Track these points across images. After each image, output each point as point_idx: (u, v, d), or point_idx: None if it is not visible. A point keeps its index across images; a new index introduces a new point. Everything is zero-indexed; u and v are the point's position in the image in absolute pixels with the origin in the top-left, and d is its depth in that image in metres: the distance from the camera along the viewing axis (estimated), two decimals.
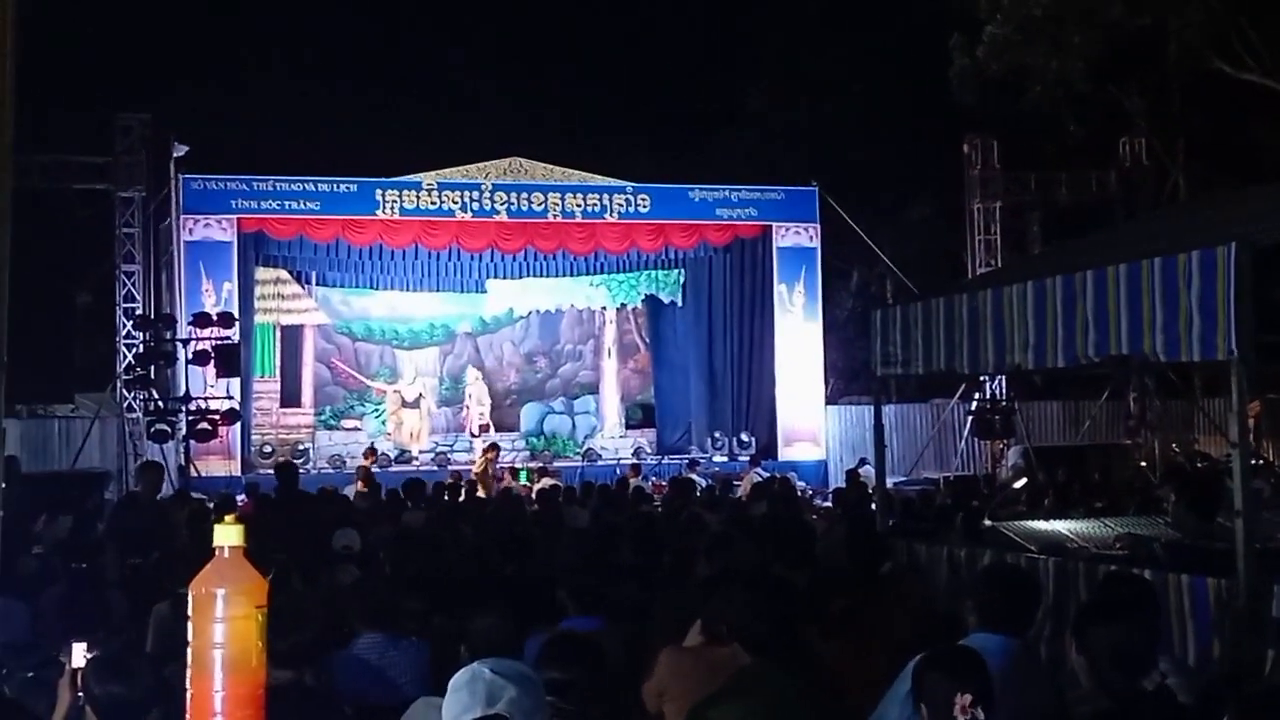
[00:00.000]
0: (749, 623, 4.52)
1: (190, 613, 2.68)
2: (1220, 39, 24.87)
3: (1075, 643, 4.19)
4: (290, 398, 26.02)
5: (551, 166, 24.37)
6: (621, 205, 24.22)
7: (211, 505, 12.06)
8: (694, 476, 19.46)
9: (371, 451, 22.51)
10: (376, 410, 26.64)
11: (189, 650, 2.67)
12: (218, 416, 19.39)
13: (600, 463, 24.30)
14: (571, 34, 35.12)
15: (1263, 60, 25.00)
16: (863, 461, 21.28)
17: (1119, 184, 26.71)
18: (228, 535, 2.71)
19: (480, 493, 18.63)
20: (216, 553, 2.71)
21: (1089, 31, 24.95)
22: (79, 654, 4.09)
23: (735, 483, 20.06)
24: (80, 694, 3.97)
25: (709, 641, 5.07)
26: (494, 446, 22.56)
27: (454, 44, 34.66)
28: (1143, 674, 4.04)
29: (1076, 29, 24.99)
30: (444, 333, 27.36)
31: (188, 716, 2.67)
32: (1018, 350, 7.25)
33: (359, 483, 18.42)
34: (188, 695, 2.67)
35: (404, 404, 26.35)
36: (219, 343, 19.23)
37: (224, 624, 2.62)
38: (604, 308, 27.75)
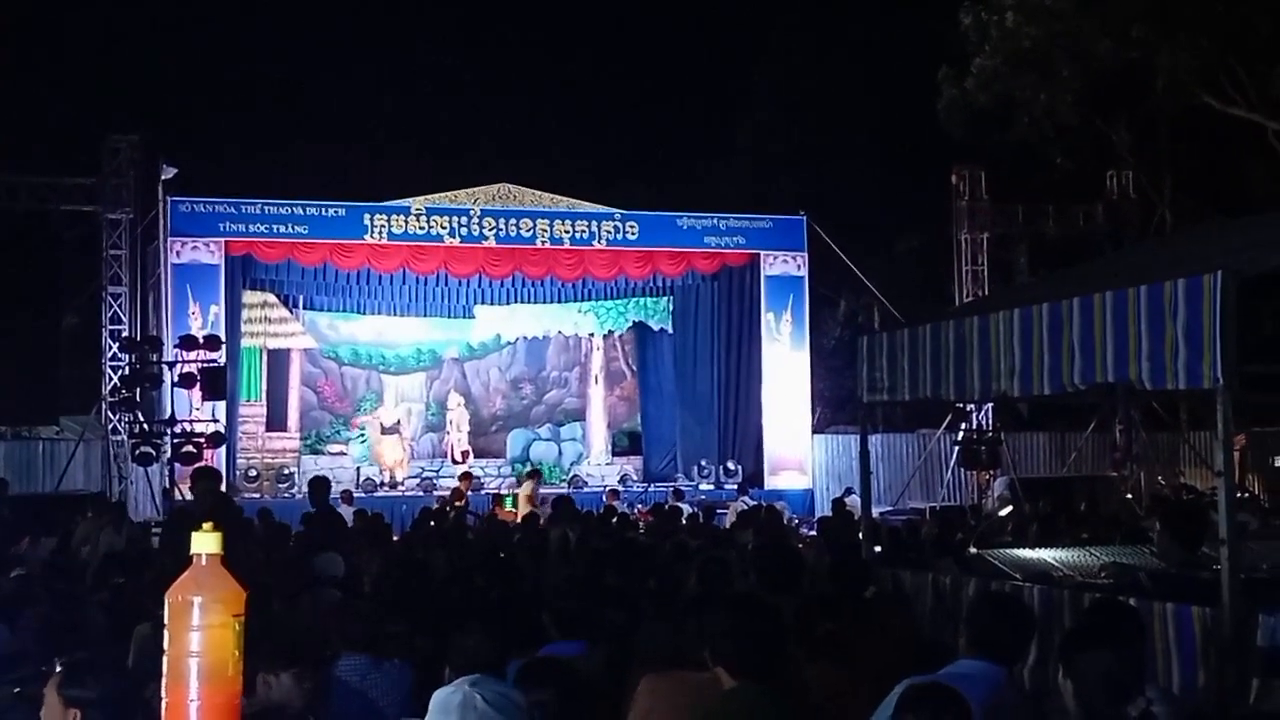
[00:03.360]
0: (733, 646, 4.46)
1: (166, 620, 2.63)
2: (1208, 74, 25.02)
3: (1062, 667, 4.18)
4: (276, 421, 25.89)
5: (540, 193, 24.32)
6: (610, 232, 24.17)
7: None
8: (679, 505, 19.37)
9: (466, 476, 21.67)
10: (361, 435, 26.55)
11: (164, 659, 2.62)
12: (203, 439, 19.31)
13: (586, 490, 24.19)
14: (561, 62, 35.24)
15: (1249, 95, 25.14)
16: (849, 491, 21.25)
17: (1106, 217, 26.83)
18: (205, 543, 2.65)
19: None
20: (194, 560, 2.65)
21: (1077, 65, 25.10)
22: None
23: (720, 511, 19.99)
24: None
25: (691, 666, 5.02)
26: (535, 473, 22.18)
27: (444, 70, 34.78)
28: (1128, 701, 4.02)
29: (1065, 62, 25.14)
30: (431, 358, 27.28)
31: None
32: (1004, 377, 7.23)
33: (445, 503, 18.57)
34: (163, 705, 2.61)
35: (382, 430, 26.21)
36: (205, 366, 19.15)
37: (200, 632, 2.56)
38: (591, 334, 27.71)
